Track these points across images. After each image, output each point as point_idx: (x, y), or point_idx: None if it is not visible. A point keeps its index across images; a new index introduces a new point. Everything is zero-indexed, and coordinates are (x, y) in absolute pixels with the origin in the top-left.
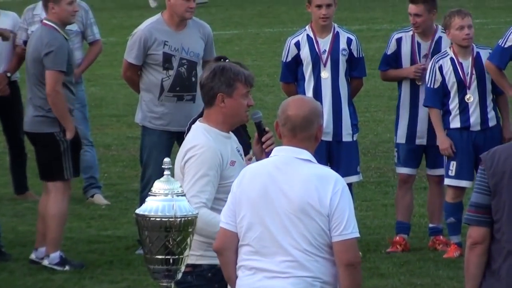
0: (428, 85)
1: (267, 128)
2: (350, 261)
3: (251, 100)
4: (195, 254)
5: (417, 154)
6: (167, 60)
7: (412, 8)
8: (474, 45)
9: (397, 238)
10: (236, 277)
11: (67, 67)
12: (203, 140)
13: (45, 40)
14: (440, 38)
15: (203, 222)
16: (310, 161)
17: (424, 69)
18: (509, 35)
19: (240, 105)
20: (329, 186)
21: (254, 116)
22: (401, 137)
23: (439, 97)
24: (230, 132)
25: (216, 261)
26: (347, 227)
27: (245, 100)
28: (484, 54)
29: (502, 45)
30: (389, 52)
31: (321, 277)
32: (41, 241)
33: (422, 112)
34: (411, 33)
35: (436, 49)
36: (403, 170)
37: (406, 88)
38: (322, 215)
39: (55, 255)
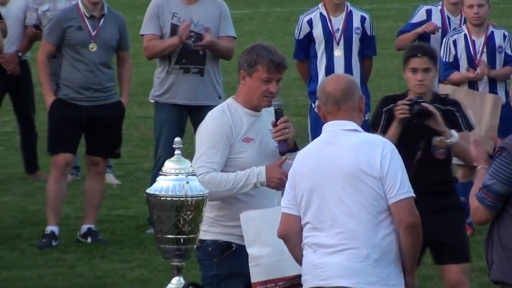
0: (444, 59)
1: (285, 117)
2: (409, 222)
3: (274, 86)
4: (201, 230)
5: None
6: (174, 31)
7: None
8: (490, 24)
9: None
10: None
11: (63, 41)
12: (213, 114)
13: None
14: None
15: (213, 185)
16: (356, 130)
17: (437, 28)
18: None
19: (257, 88)
20: (377, 150)
21: (275, 102)
22: None
23: (454, 69)
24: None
25: (217, 237)
26: (402, 187)
27: (266, 85)
28: (499, 35)
29: None
30: (414, 21)
31: (376, 246)
32: (84, 218)
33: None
34: (439, 7)
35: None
36: None
37: None
38: (375, 178)
39: (47, 228)
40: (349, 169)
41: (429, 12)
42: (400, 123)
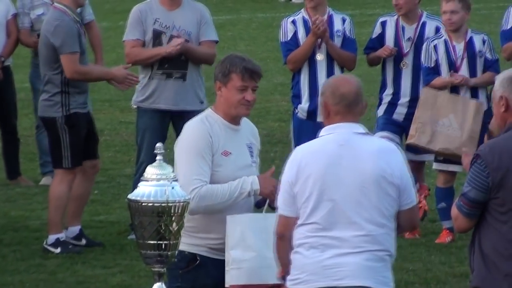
0: (425, 65)
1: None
2: (416, 225)
3: (249, 95)
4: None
5: (396, 126)
6: (157, 36)
7: None
8: (470, 30)
9: None
10: (290, 260)
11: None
12: (193, 125)
13: (54, 23)
14: (424, 23)
15: (210, 198)
16: (368, 134)
17: (393, 51)
18: (509, 18)
19: (233, 97)
20: (396, 158)
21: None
22: (380, 112)
23: (436, 74)
24: (242, 126)
25: (184, 248)
26: (413, 194)
27: (241, 93)
28: (478, 40)
29: (505, 29)
30: (374, 36)
31: (390, 250)
32: (70, 221)
33: (403, 98)
34: (396, 17)
35: (421, 33)
36: (380, 134)
37: (389, 72)
38: (394, 185)
39: (52, 237)
40: (372, 175)
41: (383, 25)
42: None
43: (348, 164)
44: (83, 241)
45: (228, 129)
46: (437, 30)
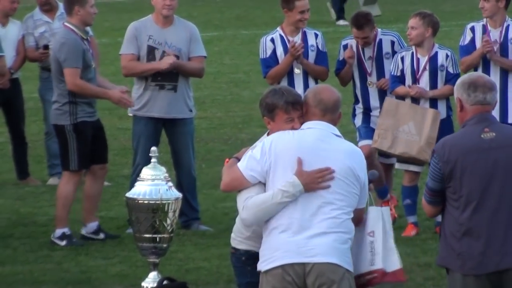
0: (392, 73)
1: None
2: (360, 222)
3: (297, 124)
4: (236, 239)
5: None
6: (150, 52)
7: (359, 33)
8: (437, 45)
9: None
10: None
11: (82, 63)
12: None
13: (61, 41)
14: (380, 40)
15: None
16: (341, 136)
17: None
18: (466, 35)
19: (282, 129)
20: (363, 161)
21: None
22: (358, 122)
23: (401, 83)
24: None
25: (251, 248)
26: (366, 197)
27: (289, 124)
28: (442, 55)
29: (463, 44)
30: (340, 58)
31: (351, 235)
32: (87, 218)
33: (374, 111)
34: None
35: (378, 50)
36: (365, 142)
37: (358, 90)
38: (359, 183)
39: (58, 231)
40: (346, 168)
41: (346, 48)
42: None
43: (326, 156)
44: (101, 235)
45: None
46: (392, 43)
